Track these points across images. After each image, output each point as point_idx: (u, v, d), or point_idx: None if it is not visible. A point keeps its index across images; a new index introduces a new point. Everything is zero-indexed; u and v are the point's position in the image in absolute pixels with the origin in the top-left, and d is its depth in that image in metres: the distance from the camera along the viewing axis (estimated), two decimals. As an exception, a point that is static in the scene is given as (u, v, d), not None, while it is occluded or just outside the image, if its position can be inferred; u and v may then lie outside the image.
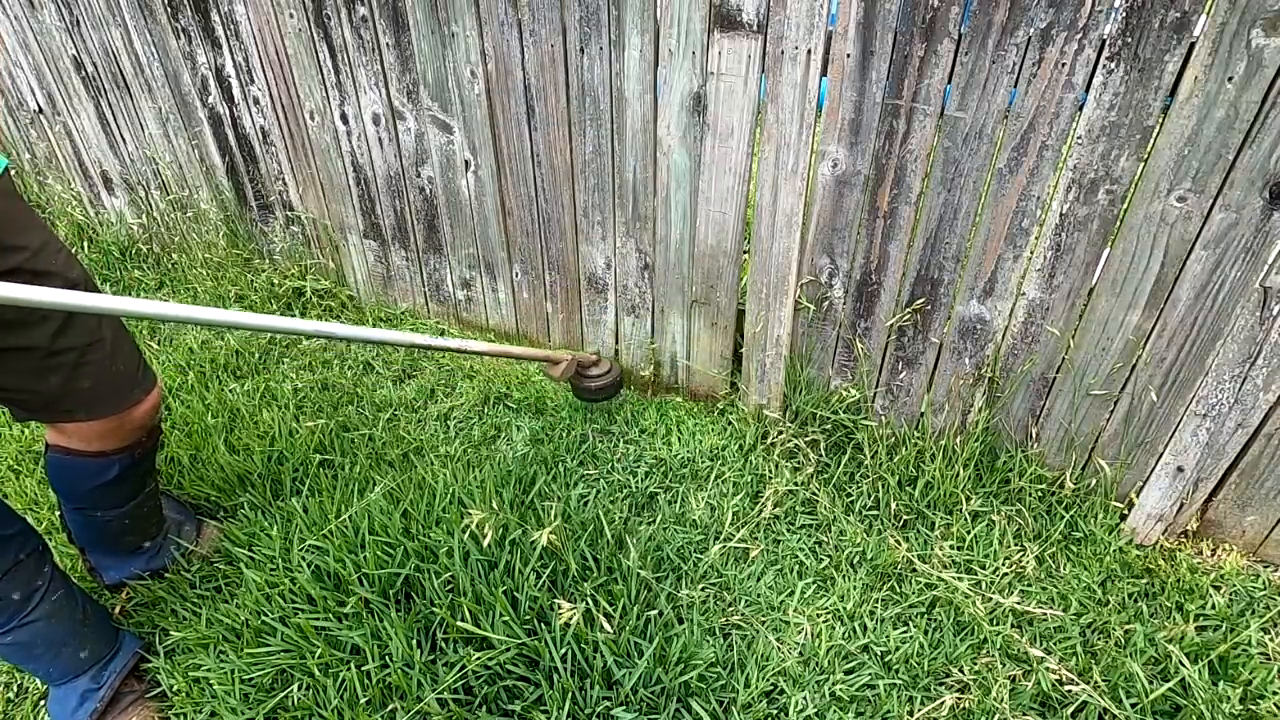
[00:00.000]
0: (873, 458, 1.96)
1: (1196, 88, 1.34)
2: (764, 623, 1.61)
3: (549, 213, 2.18)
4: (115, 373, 1.35)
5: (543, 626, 1.48)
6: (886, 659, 1.54)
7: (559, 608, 1.46)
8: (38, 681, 1.60)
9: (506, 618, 1.48)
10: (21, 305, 1.01)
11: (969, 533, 1.78)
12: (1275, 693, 1.45)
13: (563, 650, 1.44)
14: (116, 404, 1.38)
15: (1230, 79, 1.30)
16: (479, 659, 1.43)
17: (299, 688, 1.46)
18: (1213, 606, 1.63)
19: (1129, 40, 1.35)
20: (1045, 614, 1.58)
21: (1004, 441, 1.91)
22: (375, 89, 2.21)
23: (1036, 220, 1.59)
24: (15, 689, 1.60)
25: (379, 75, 2.18)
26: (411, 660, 1.45)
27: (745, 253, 2.00)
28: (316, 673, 1.48)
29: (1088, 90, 1.42)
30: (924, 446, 1.95)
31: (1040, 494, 1.84)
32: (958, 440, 1.93)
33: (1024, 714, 1.43)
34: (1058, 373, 1.75)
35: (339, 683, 1.45)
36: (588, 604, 1.50)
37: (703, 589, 1.67)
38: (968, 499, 1.84)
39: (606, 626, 1.46)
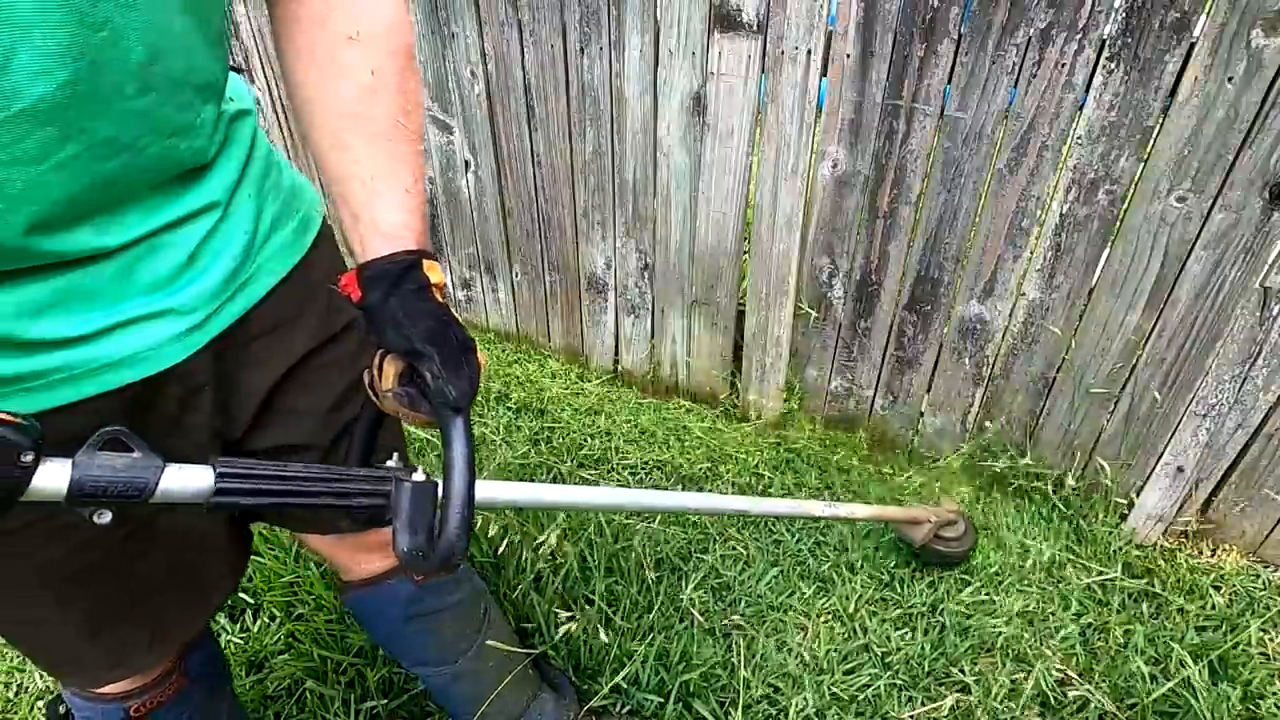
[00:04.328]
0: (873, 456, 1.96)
1: (1196, 88, 1.34)
2: (764, 623, 1.61)
3: (549, 213, 2.18)
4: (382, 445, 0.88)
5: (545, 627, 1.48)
6: (887, 659, 1.54)
7: (557, 615, 1.46)
8: (38, 679, 1.60)
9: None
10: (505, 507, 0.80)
11: (969, 533, 1.78)
12: (1275, 693, 1.45)
13: (564, 651, 1.45)
14: None
15: (1230, 79, 1.31)
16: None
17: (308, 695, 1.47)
18: (1213, 606, 1.63)
19: (1129, 41, 1.35)
20: (1045, 614, 1.58)
21: (1004, 441, 1.91)
22: (375, 89, 2.21)
23: (1036, 220, 1.59)
24: (15, 688, 1.60)
25: (379, 75, 2.17)
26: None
27: (745, 253, 2.00)
28: (325, 675, 1.48)
29: (1088, 90, 1.42)
30: (924, 446, 1.95)
31: (1040, 494, 1.84)
32: (958, 440, 1.93)
33: (1024, 714, 1.43)
34: (1058, 373, 1.75)
35: (345, 684, 1.46)
36: (587, 605, 1.50)
37: (703, 590, 1.67)
38: (967, 499, 1.84)
39: (614, 621, 1.46)
